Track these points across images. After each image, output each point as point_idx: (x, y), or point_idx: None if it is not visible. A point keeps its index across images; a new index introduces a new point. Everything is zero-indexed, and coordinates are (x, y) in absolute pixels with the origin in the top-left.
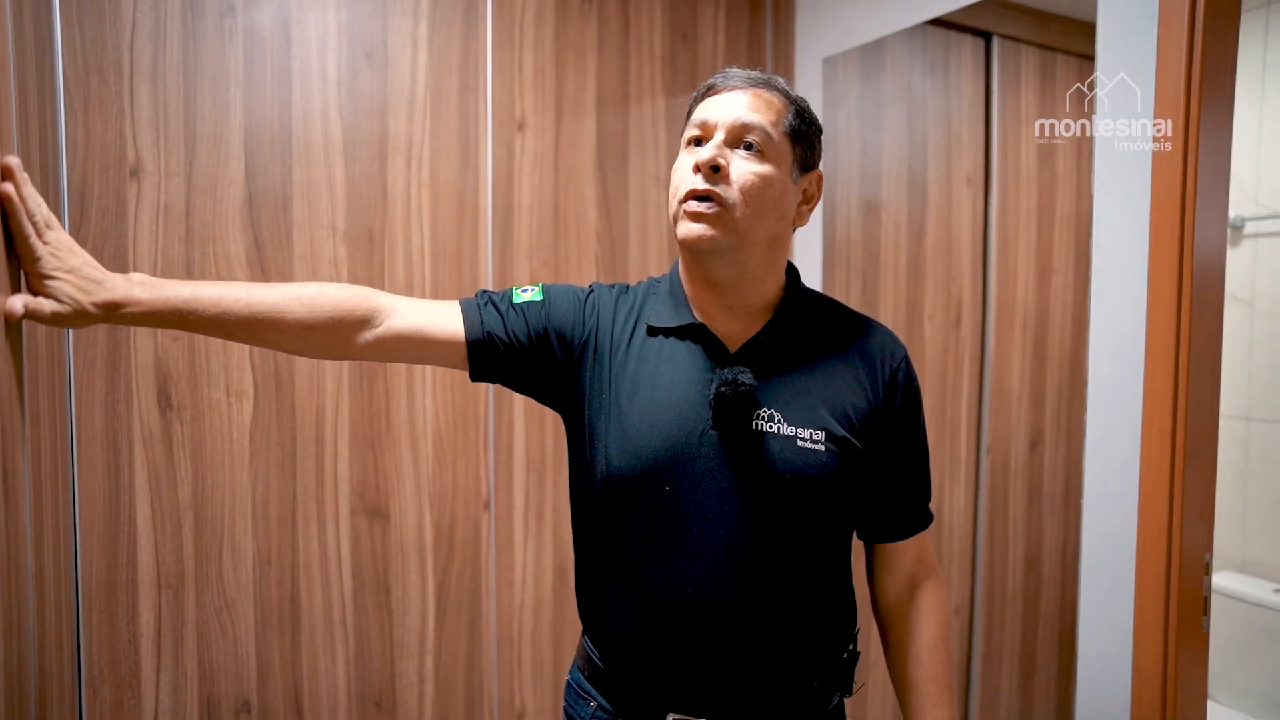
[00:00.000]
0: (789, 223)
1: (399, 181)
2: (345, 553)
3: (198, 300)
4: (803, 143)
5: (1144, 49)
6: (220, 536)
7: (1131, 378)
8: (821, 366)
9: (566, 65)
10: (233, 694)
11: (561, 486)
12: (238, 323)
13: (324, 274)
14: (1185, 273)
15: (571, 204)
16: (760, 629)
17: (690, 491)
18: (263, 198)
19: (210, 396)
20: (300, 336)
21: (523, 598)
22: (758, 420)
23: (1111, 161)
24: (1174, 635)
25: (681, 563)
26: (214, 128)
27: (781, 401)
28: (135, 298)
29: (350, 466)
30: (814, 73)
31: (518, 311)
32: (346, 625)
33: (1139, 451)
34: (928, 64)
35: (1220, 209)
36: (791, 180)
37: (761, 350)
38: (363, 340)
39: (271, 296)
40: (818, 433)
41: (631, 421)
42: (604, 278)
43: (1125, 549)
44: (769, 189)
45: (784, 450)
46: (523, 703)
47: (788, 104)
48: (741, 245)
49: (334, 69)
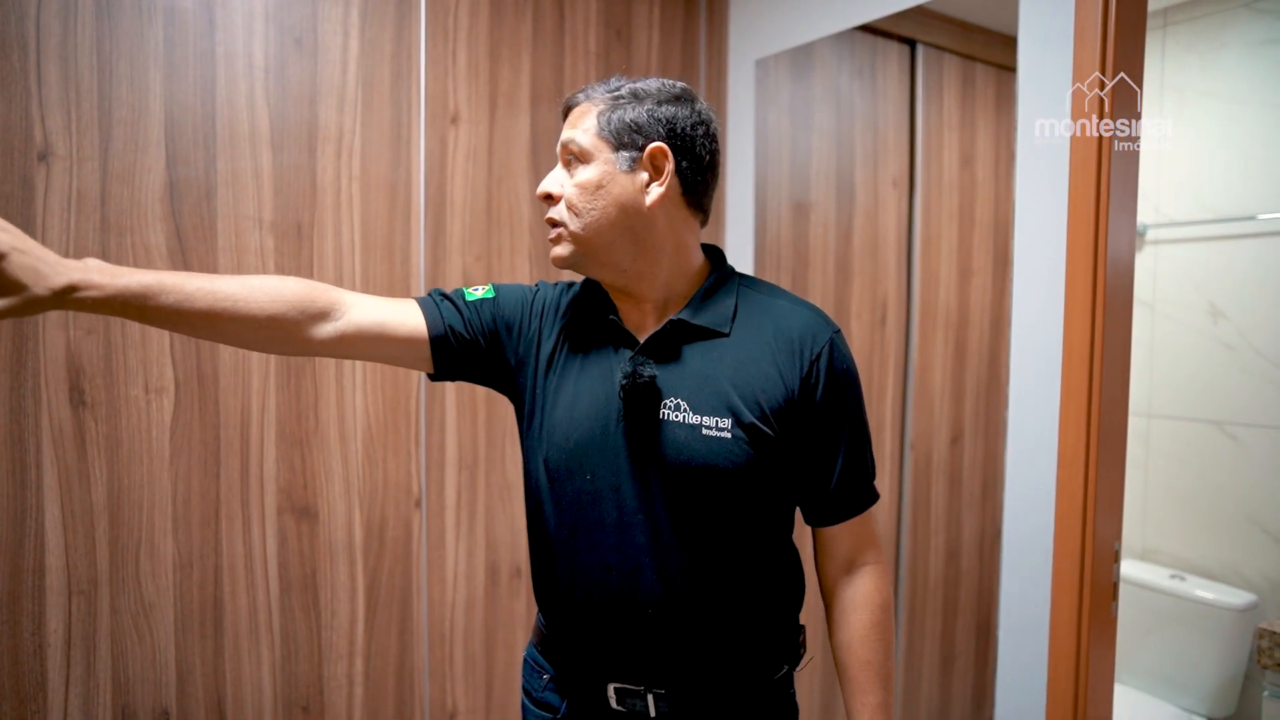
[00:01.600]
0: (640, 210)
1: (329, 173)
2: (271, 553)
3: (160, 286)
4: (624, 131)
5: (1060, 62)
6: (138, 539)
7: (1049, 375)
8: (734, 353)
9: (501, 60)
10: (150, 703)
11: (494, 484)
12: (199, 312)
13: (250, 266)
14: (1099, 275)
15: (505, 199)
16: (682, 610)
17: (608, 479)
18: (185, 186)
19: (128, 393)
20: (263, 327)
21: (454, 597)
22: (664, 409)
23: (1031, 168)
24: (1087, 620)
25: (603, 547)
26: (131, 111)
27: (688, 390)
28: (93, 281)
29: (277, 465)
30: (746, 73)
31: (472, 309)
32: (273, 628)
33: (1056, 445)
34: (855, 68)
35: (1130, 215)
36: (619, 170)
37: (668, 340)
38: (323, 333)
39: (233, 286)
40: (724, 420)
41: (558, 414)
42: (537, 273)
43: (1043, 538)
44: (588, 192)
45: (689, 438)
46: (455, 703)
47: (598, 103)
48: (594, 250)
49: (261, 55)
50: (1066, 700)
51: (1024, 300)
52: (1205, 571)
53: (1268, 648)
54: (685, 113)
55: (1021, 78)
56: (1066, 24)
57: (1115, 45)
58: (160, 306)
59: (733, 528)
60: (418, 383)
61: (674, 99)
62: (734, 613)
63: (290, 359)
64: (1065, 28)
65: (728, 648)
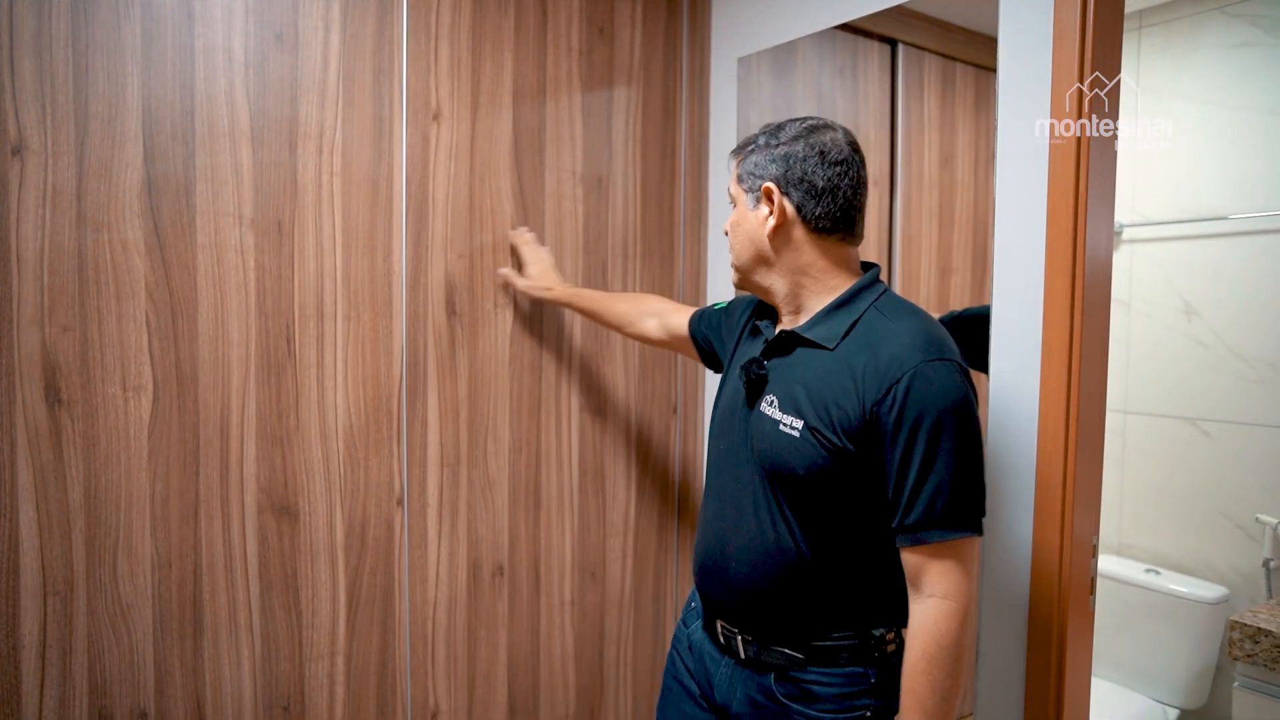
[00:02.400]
0: (763, 239)
1: (309, 169)
2: (252, 553)
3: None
4: (747, 176)
5: (1039, 63)
6: (115, 539)
7: (1029, 371)
8: (826, 366)
9: (483, 56)
10: (128, 705)
11: (476, 482)
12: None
13: (229, 263)
14: (1078, 273)
15: (487, 197)
16: (754, 578)
17: (730, 451)
18: (163, 182)
19: (105, 391)
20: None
21: (435, 595)
22: (763, 403)
23: (1010, 167)
24: (1065, 612)
25: (716, 506)
26: (108, 106)
27: (781, 390)
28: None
29: (257, 463)
30: (729, 71)
31: (714, 317)
32: (253, 628)
33: (1036, 441)
34: (837, 67)
35: (1108, 213)
36: (749, 210)
37: (781, 347)
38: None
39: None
40: (797, 420)
41: (720, 393)
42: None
43: (1023, 532)
44: (736, 231)
45: (771, 430)
46: (436, 702)
47: (737, 159)
48: (743, 275)
49: (241, 49)
50: (1046, 691)
51: (1004, 298)
52: (1179, 565)
53: (1238, 639)
54: (800, 148)
55: (1001, 78)
56: (1046, 25)
57: (1094, 46)
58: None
59: (804, 519)
60: (399, 381)
61: (795, 137)
62: (797, 598)
63: (270, 358)
64: (1044, 29)
65: (793, 627)
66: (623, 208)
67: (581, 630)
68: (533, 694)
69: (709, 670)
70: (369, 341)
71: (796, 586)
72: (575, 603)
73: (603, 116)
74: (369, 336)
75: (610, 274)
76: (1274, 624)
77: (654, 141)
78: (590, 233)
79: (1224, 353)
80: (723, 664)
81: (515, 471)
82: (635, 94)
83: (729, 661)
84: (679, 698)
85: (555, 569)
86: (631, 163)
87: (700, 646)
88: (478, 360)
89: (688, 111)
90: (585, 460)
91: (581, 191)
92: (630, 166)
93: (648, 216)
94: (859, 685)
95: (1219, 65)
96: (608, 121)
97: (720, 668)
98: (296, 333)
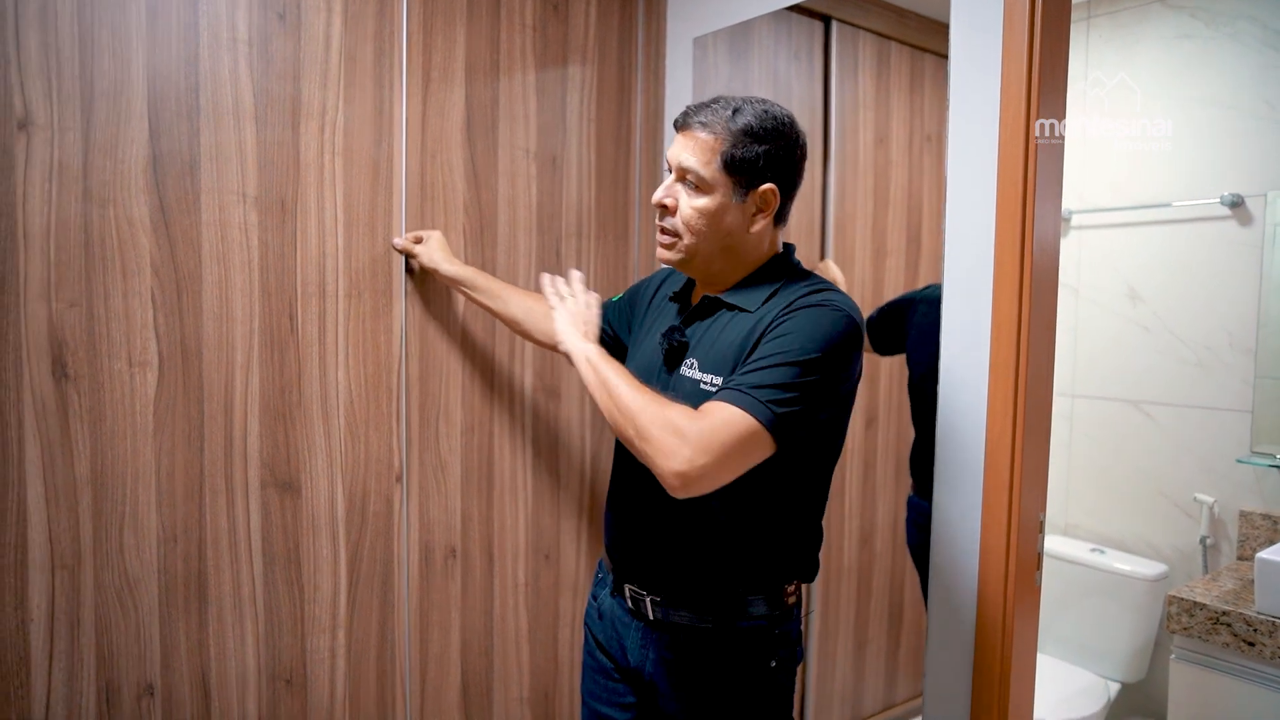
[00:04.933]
0: (742, 233)
1: (312, 149)
2: (255, 527)
3: (474, 283)
4: (743, 169)
5: (990, 53)
6: (121, 513)
7: (979, 352)
8: (747, 325)
9: (434, 31)
10: (134, 677)
11: (427, 463)
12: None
13: (233, 240)
14: (1026, 257)
15: (439, 174)
16: (666, 533)
17: None
18: (168, 159)
19: (111, 367)
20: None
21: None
22: (684, 366)
23: (962, 155)
24: (1013, 589)
25: (627, 468)
26: (113, 83)
27: (700, 352)
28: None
29: (260, 439)
30: (684, 51)
31: (613, 310)
32: (256, 601)
33: (985, 421)
34: (792, 50)
35: (1055, 200)
36: (733, 202)
37: (701, 313)
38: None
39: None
40: (717, 377)
41: (631, 363)
42: (470, 250)
43: (972, 511)
44: (705, 217)
45: (692, 389)
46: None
47: (722, 139)
48: (694, 259)
49: (244, 29)
50: (993, 666)
51: (954, 282)
52: (1123, 544)
53: (1176, 613)
54: (790, 150)
55: (953, 68)
56: (996, 13)
57: (1042, 37)
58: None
59: None
60: (399, 357)
61: (781, 135)
62: (708, 555)
63: (273, 335)
64: (994, 17)
65: (703, 586)
66: (577, 187)
67: (536, 612)
68: (486, 677)
69: (620, 635)
70: (369, 319)
71: (708, 544)
72: (529, 585)
73: (557, 94)
74: (369, 314)
75: (564, 253)
76: (1208, 597)
77: (609, 121)
78: (544, 212)
79: (1166, 336)
80: (632, 627)
81: (468, 453)
82: (590, 72)
83: (638, 624)
84: (593, 672)
85: (509, 551)
86: (586, 142)
87: (610, 613)
88: (427, 342)
89: (643, 91)
90: (539, 442)
91: (535, 170)
92: (584, 145)
93: (602, 196)
94: (764, 639)
95: (1160, 57)
96: (562, 99)
97: (630, 631)
98: (299, 310)
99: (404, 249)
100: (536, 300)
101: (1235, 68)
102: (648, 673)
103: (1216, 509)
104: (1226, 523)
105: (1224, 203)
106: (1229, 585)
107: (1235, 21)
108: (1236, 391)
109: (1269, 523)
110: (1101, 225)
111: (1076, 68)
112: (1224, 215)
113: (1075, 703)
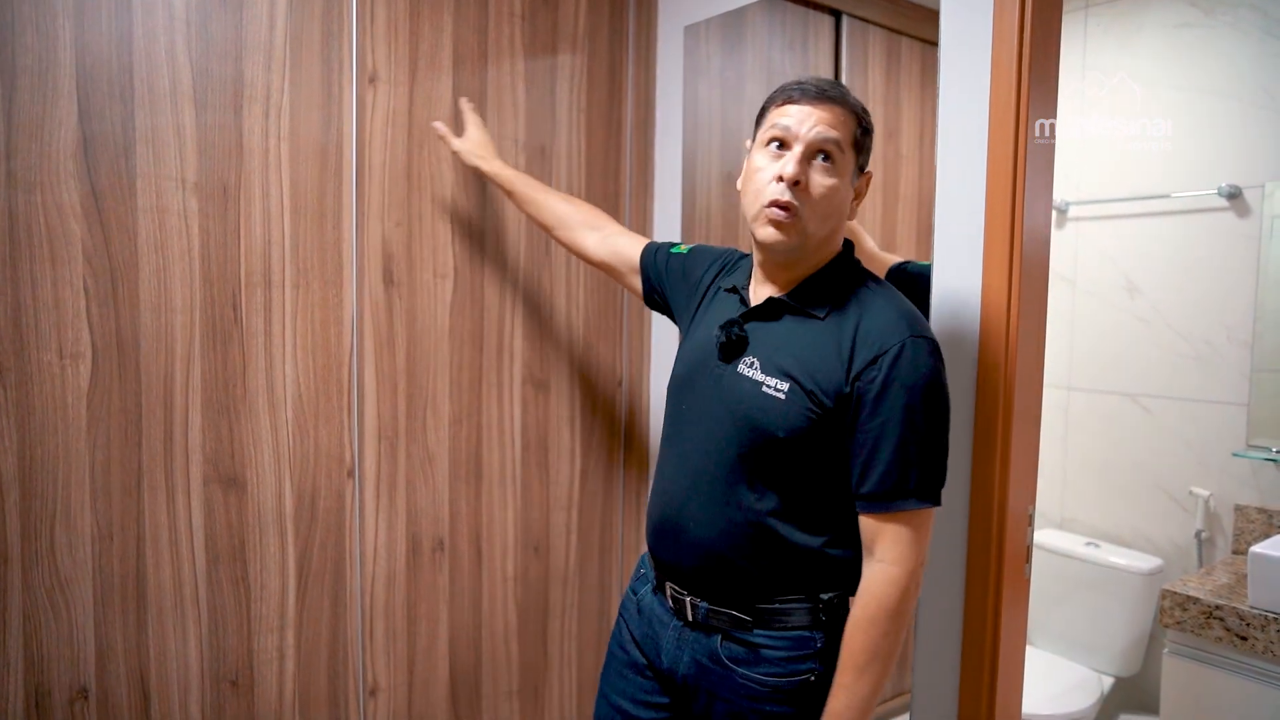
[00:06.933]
0: (843, 219)
1: (256, 133)
2: (198, 525)
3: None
4: (862, 151)
5: (980, 43)
6: (52, 511)
7: (968, 342)
8: (815, 333)
9: (421, 19)
10: (67, 680)
11: (415, 455)
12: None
13: (171, 227)
14: (1016, 249)
15: (426, 164)
16: (711, 539)
17: (693, 410)
18: (100, 142)
19: (40, 358)
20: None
21: (375, 570)
22: (742, 363)
23: (952, 145)
24: (1000, 581)
25: (675, 466)
26: (38, 60)
27: (763, 353)
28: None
29: (203, 434)
30: (675, 40)
31: (673, 260)
32: (199, 601)
33: (973, 414)
34: (786, 40)
35: (1047, 191)
36: (850, 184)
37: (767, 311)
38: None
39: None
40: (783, 383)
41: (683, 350)
42: (460, 240)
43: (959, 503)
44: (835, 197)
45: (752, 391)
46: (375, 679)
47: (854, 117)
48: (806, 243)
49: (181, 6)
50: (981, 659)
51: (944, 270)
52: (1118, 538)
53: (1169, 607)
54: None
55: (943, 58)
56: (987, 3)
57: (1033, 27)
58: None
59: (771, 482)
60: (350, 351)
61: (872, 123)
62: (754, 561)
63: (215, 325)
64: (985, 5)
65: (746, 590)
66: (567, 177)
67: (525, 605)
68: (475, 670)
69: (656, 634)
70: (319, 310)
71: (755, 549)
72: (518, 578)
73: (546, 84)
74: (319, 305)
75: (553, 245)
76: (1202, 591)
77: (599, 110)
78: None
79: (1164, 329)
80: (670, 627)
81: (456, 445)
82: (580, 61)
83: (677, 624)
84: (622, 666)
85: (498, 544)
86: (576, 132)
87: (649, 610)
88: (416, 331)
89: (634, 80)
90: (528, 434)
91: (525, 160)
92: (574, 136)
93: (593, 186)
94: (805, 649)
95: (1160, 45)
96: (551, 89)
97: (668, 631)
98: (243, 300)
99: (443, 135)
100: (576, 207)
101: (1235, 57)
102: (680, 675)
103: (1212, 503)
104: (1222, 516)
105: (1221, 194)
106: (1223, 579)
107: (1235, 10)
108: (1233, 385)
109: (1264, 517)
110: (1098, 217)
111: (1074, 59)
112: (1222, 207)
113: (1069, 697)
